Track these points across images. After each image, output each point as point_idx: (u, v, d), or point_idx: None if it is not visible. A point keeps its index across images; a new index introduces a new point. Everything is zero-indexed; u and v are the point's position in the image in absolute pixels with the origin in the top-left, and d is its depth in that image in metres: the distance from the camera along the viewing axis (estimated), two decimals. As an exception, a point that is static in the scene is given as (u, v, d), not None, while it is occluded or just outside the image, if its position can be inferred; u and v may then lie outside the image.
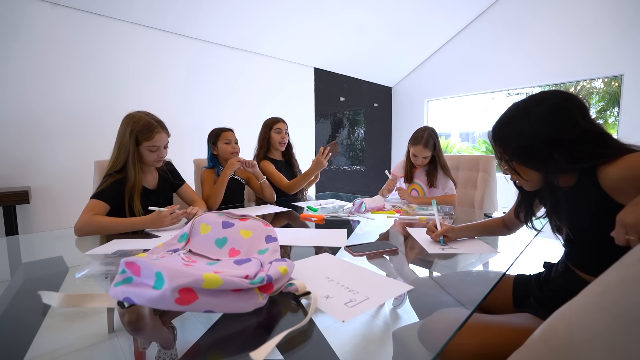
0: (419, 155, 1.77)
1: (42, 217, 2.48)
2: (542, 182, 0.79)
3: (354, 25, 3.98)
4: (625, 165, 0.66)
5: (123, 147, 1.26)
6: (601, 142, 0.71)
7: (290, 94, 4.25)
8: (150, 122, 1.28)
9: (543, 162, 0.75)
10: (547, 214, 0.88)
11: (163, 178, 1.44)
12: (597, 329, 0.34)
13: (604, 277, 0.37)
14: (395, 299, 0.65)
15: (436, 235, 1.03)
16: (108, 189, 1.21)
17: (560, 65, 4.03)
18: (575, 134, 0.71)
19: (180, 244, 0.74)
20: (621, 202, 0.67)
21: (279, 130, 2.03)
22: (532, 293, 0.88)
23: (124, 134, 1.26)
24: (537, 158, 0.75)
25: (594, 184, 0.70)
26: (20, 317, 0.61)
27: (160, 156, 1.33)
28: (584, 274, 0.79)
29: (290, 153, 2.14)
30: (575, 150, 0.71)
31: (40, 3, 2.38)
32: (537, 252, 1.61)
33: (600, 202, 0.70)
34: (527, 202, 0.92)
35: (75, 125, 2.59)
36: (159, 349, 0.50)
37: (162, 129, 1.31)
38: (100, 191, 1.21)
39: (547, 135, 0.72)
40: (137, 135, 1.25)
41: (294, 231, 1.21)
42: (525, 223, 0.94)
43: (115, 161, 1.27)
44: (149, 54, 2.98)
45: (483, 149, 7.22)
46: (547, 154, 0.73)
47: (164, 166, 1.48)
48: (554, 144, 0.72)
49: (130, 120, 1.27)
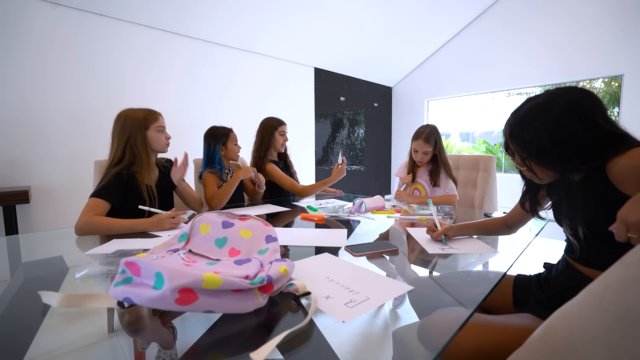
0: (419, 150, 1.77)
1: (42, 217, 2.48)
2: (554, 177, 0.79)
3: (354, 25, 3.98)
4: (633, 156, 0.65)
5: (123, 137, 1.29)
6: (620, 142, 0.70)
7: (290, 94, 4.24)
8: (147, 109, 1.37)
9: (561, 165, 0.74)
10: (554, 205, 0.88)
11: (163, 174, 1.45)
12: (597, 329, 0.34)
13: (604, 277, 0.37)
14: (395, 299, 0.65)
15: (437, 235, 1.03)
16: (108, 185, 1.22)
17: (561, 65, 4.03)
18: (597, 137, 0.69)
19: (180, 244, 0.74)
20: (625, 192, 0.66)
21: (283, 132, 2.03)
22: (532, 293, 0.88)
23: (123, 126, 1.30)
24: (556, 161, 0.74)
25: (601, 175, 0.70)
26: (20, 317, 0.61)
27: (167, 137, 1.40)
28: (584, 268, 0.79)
29: (286, 154, 2.15)
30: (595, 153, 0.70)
31: (39, 3, 2.38)
32: (537, 253, 1.61)
33: (605, 193, 0.70)
34: (533, 192, 0.92)
35: (75, 125, 2.59)
36: (159, 349, 0.50)
37: (160, 113, 1.40)
38: (101, 188, 1.21)
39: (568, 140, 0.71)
40: (144, 121, 1.32)
41: (294, 231, 1.21)
42: (531, 212, 0.94)
43: (115, 154, 1.30)
44: (147, 53, 2.97)
45: (483, 149, 7.22)
46: (567, 158, 0.72)
47: (165, 163, 1.48)
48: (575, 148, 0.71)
49: (127, 114, 1.32)
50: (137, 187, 1.27)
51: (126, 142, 1.29)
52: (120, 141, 1.30)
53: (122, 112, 1.33)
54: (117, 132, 1.31)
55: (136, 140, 1.29)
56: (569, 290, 0.73)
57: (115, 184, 1.23)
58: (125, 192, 1.25)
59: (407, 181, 1.87)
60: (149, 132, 1.33)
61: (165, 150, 1.41)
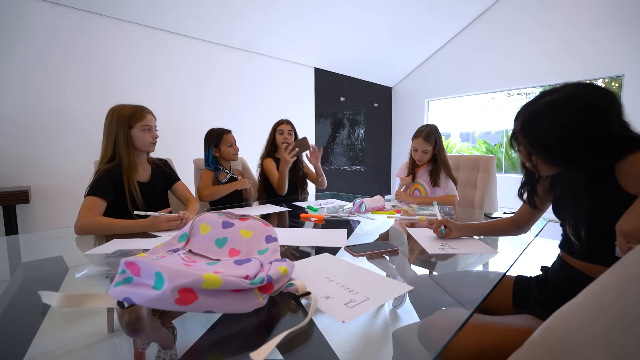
0: (419, 148, 1.78)
1: (42, 216, 2.48)
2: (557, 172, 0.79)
3: (354, 25, 3.98)
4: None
5: (111, 134, 1.29)
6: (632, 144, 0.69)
7: (290, 94, 4.25)
8: (137, 106, 1.35)
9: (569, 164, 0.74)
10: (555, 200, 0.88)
11: (156, 172, 1.44)
12: (597, 330, 0.34)
13: (603, 278, 0.37)
14: (395, 299, 0.65)
15: (436, 225, 1.04)
16: (100, 180, 1.22)
17: (561, 66, 4.03)
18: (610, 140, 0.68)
19: (180, 244, 0.74)
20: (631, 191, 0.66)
21: (281, 131, 2.10)
22: (531, 294, 0.88)
23: (111, 123, 1.29)
24: (564, 160, 0.74)
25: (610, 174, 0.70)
26: (20, 317, 0.61)
27: (154, 137, 1.36)
28: (580, 262, 0.79)
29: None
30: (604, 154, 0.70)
31: (40, 3, 2.38)
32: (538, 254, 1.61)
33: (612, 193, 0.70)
34: (532, 184, 0.92)
35: (75, 125, 2.60)
36: (159, 349, 0.50)
37: (149, 111, 1.37)
38: (94, 186, 1.21)
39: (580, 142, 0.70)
40: (128, 119, 1.29)
41: (294, 231, 1.21)
42: (529, 204, 0.94)
43: (105, 151, 1.30)
44: (150, 54, 2.98)
45: (483, 149, 7.22)
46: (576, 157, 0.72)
47: (159, 162, 1.48)
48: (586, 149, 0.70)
49: (115, 110, 1.31)
50: (123, 186, 1.27)
51: (114, 140, 1.28)
52: (108, 138, 1.29)
53: (112, 108, 1.32)
54: (106, 129, 1.30)
55: (119, 138, 1.28)
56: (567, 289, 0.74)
57: (106, 179, 1.23)
58: (116, 190, 1.25)
59: (407, 182, 1.87)
60: (133, 131, 1.30)
61: (150, 149, 1.37)
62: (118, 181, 1.26)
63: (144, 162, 1.40)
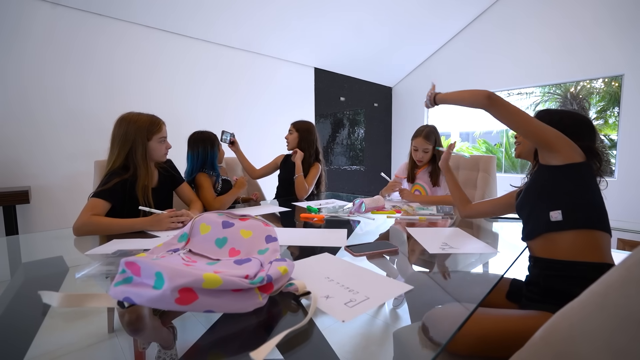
0: (419, 147, 1.78)
1: (42, 217, 2.48)
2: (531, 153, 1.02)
3: (354, 25, 3.98)
4: None
5: (126, 145, 1.26)
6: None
7: (290, 94, 4.24)
8: (152, 117, 1.34)
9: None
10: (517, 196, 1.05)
11: (163, 176, 1.44)
12: (599, 330, 0.34)
13: (605, 278, 0.37)
14: (395, 299, 0.65)
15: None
16: (112, 188, 1.20)
17: (561, 66, 4.03)
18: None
19: (180, 243, 0.74)
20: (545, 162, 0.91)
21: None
22: (523, 295, 0.91)
23: (126, 133, 1.26)
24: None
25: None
26: (20, 317, 0.61)
27: (168, 147, 1.39)
28: (529, 244, 0.93)
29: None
30: None
31: (39, 2, 2.38)
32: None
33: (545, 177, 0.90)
34: None
35: (75, 125, 2.59)
36: (159, 349, 0.50)
37: (164, 122, 1.38)
38: (103, 190, 1.20)
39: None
40: (147, 132, 1.29)
41: (294, 231, 1.21)
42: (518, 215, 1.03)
43: (116, 158, 1.27)
44: (149, 54, 2.97)
45: (483, 149, 7.22)
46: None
47: (165, 164, 1.48)
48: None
49: (130, 120, 1.28)
50: (136, 194, 1.26)
51: (128, 150, 1.26)
52: (122, 148, 1.26)
53: (126, 117, 1.29)
54: (119, 138, 1.27)
55: (136, 151, 1.26)
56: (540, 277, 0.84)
57: (119, 188, 1.22)
58: (127, 199, 1.24)
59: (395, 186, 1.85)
60: (150, 143, 1.30)
61: (163, 159, 1.39)
62: (130, 191, 1.25)
63: (153, 169, 1.40)
